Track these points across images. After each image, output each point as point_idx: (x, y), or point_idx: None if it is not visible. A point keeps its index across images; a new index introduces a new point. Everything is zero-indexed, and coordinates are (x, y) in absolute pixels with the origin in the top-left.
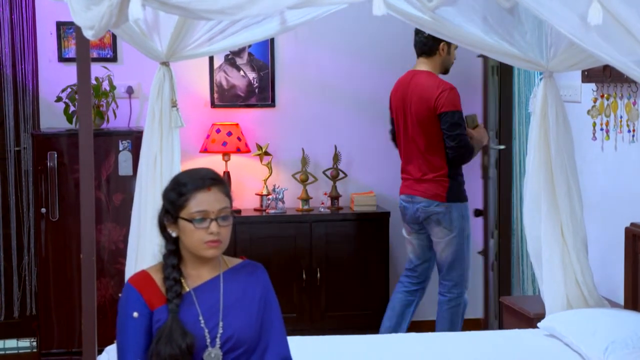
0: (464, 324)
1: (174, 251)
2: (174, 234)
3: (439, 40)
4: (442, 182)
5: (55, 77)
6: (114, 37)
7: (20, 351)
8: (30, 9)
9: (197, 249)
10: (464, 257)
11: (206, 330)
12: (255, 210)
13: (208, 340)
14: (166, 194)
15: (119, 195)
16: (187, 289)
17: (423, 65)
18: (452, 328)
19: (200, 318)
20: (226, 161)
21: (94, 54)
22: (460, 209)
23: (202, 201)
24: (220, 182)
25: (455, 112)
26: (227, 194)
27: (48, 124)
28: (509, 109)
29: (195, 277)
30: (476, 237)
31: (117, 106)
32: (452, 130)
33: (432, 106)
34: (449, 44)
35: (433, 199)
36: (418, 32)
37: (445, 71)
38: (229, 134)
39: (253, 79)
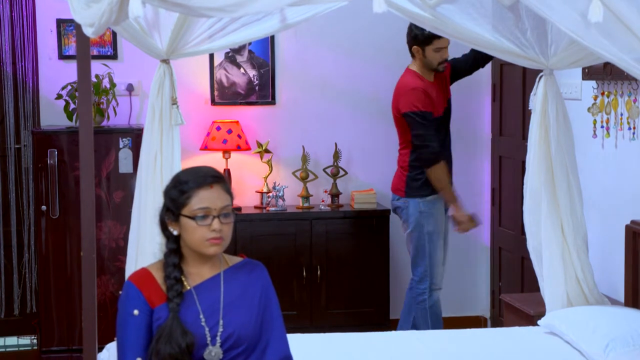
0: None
1: (175, 250)
2: (175, 232)
3: (412, 44)
4: (402, 176)
5: (55, 75)
6: (114, 34)
7: (20, 349)
8: (30, 6)
9: (199, 247)
10: (425, 254)
11: (207, 329)
12: (256, 207)
13: (208, 339)
14: (168, 192)
15: (119, 193)
16: (188, 287)
17: (412, 65)
18: (417, 325)
19: (201, 316)
20: (226, 159)
21: (94, 52)
22: (418, 205)
23: (204, 198)
24: (221, 179)
25: (413, 113)
26: (229, 192)
27: (48, 121)
28: None
29: (195, 275)
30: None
31: (118, 104)
32: (413, 129)
33: (396, 106)
34: (423, 48)
35: (395, 193)
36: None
37: (434, 71)
38: (229, 131)
39: (253, 77)
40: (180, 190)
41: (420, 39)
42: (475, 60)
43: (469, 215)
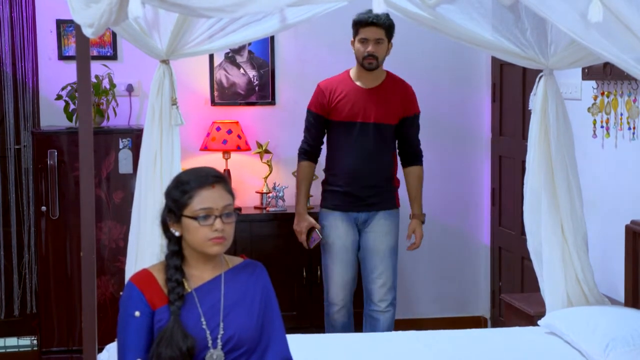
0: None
1: (176, 252)
2: (177, 233)
3: None
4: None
5: (55, 75)
6: (113, 35)
7: (20, 349)
8: (30, 7)
9: (202, 247)
10: (323, 265)
11: (207, 332)
12: (256, 208)
13: (209, 342)
14: (169, 193)
15: (119, 193)
16: (189, 290)
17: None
18: None
19: (202, 319)
20: (226, 159)
21: (94, 52)
22: (321, 216)
23: (205, 198)
24: (222, 179)
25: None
26: (230, 192)
27: (48, 122)
28: None
29: (197, 277)
30: None
31: (117, 104)
32: None
33: None
34: (354, 38)
35: None
36: None
37: (361, 64)
38: (229, 132)
39: (253, 77)
40: (181, 191)
41: (352, 27)
42: (403, 156)
43: (304, 227)
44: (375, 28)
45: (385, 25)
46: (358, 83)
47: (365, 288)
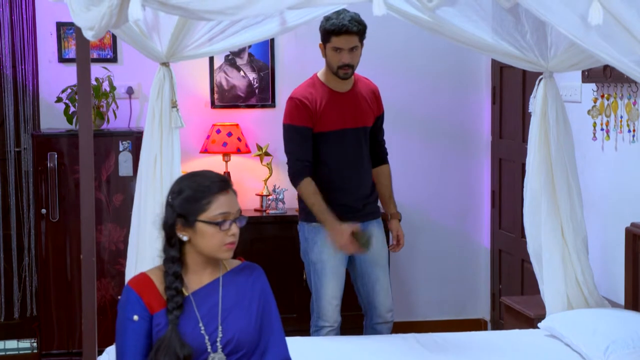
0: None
1: (177, 258)
2: (185, 238)
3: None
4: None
5: (55, 78)
6: (114, 37)
7: (20, 352)
8: (30, 9)
9: (215, 252)
10: (310, 283)
11: (206, 337)
12: (256, 210)
13: (209, 346)
14: (182, 198)
15: (119, 196)
16: (186, 294)
17: (323, 69)
18: None
19: (200, 324)
20: (226, 162)
21: (94, 55)
22: (304, 230)
23: (223, 203)
24: (231, 184)
25: (284, 125)
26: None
27: (48, 124)
28: None
29: (195, 281)
30: None
31: (117, 107)
32: (284, 144)
33: None
34: (324, 44)
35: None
36: None
37: (334, 73)
38: (229, 134)
39: (253, 80)
40: (199, 196)
41: (321, 33)
42: (373, 157)
43: (348, 236)
44: (349, 36)
45: (360, 32)
46: (333, 88)
47: (367, 301)
